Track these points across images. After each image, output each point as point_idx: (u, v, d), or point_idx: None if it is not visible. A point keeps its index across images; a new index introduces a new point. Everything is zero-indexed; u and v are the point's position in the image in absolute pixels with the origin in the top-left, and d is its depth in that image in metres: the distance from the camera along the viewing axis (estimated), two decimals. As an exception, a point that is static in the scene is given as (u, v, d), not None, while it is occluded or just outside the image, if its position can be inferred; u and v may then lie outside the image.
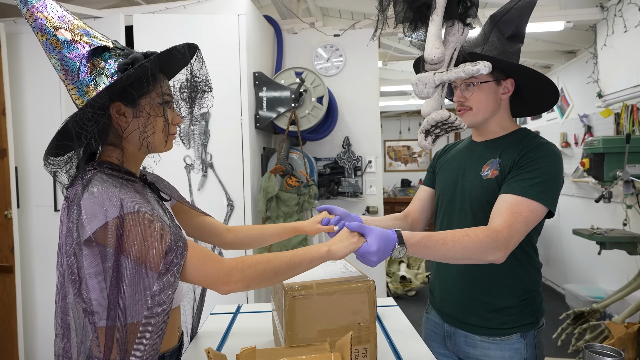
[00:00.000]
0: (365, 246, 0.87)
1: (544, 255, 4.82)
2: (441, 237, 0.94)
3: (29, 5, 0.81)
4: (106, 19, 2.28)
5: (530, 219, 0.98)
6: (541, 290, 1.18)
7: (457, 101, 1.12)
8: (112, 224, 0.73)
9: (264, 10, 3.21)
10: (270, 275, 0.82)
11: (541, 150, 1.04)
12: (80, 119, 0.77)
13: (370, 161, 2.83)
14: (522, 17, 1.07)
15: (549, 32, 3.26)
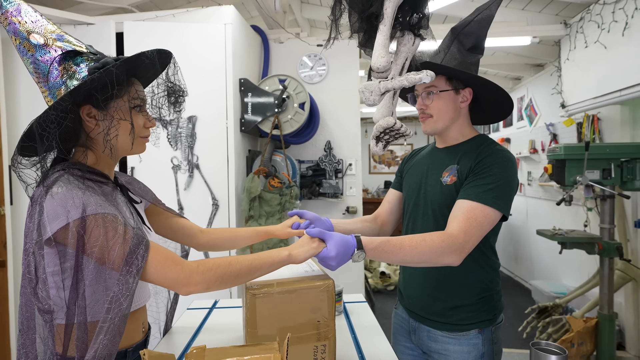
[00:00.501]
0: (325, 251, 0.87)
1: (513, 253, 4.85)
2: (399, 242, 0.93)
3: (3, 10, 0.78)
4: (98, 25, 2.23)
5: (485, 224, 0.97)
6: (499, 288, 1.17)
7: (418, 109, 1.11)
8: (74, 225, 0.70)
9: (253, 21, 3.18)
10: (231, 278, 0.79)
11: (495, 157, 1.03)
12: (43, 121, 0.73)
13: (351, 164, 2.81)
14: (481, 29, 1.05)
15: (518, 46, 3.28)
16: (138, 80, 0.88)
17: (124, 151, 0.86)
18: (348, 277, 2.68)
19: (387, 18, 0.65)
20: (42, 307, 0.71)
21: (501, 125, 5.16)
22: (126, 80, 0.82)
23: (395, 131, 0.79)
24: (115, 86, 0.75)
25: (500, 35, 2.89)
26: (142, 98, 0.86)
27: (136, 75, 0.88)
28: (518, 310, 3.57)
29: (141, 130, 0.87)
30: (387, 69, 0.68)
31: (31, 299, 0.73)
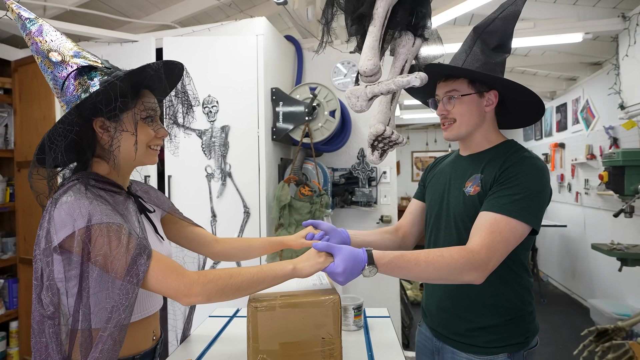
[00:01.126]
0: (332, 266, 0.83)
1: (569, 268, 4.46)
2: (414, 257, 0.87)
3: (27, 31, 0.83)
4: (141, 42, 2.37)
5: (510, 239, 0.88)
6: (532, 309, 1.06)
7: (439, 114, 1.03)
8: (79, 233, 0.72)
9: (289, 31, 3.22)
10: (232, 290, 0.78)
11: (522, 165, 0.93)
12: (52, 134, 0.76)
13: (385, 172, 2.73)
14: (506, 27, 0.97)
15: (570, 44, 3.03)
16: (151, 92, 0.90)
17: (131, 161, 0.88)
18: (381, 287, 2.60)
19: (377, 19, 0.60)
20: (45, 313, 0.73)
21: (554, 129, 4.80)
22: (136, 92, 0.84)
23: (387, 139, 0.74)
24: (119, 98, 0.76)
25: (548, 33, 2.68)
26: (152, 109, 0.87)
27: (150, 88, 0.89)
28: (574, 331, 3.25)
29: (152, 140, 0.88)
30: (375, 73, 0.64)
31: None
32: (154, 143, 0.89)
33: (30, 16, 0.83)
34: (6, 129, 2.65)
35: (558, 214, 4.78)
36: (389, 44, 0.71)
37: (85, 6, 2.49)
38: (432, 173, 1.21)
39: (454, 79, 1.00)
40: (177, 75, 0.95)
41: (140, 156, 0.87)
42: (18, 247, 2.62)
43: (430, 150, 7.56)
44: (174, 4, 2.84)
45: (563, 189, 4.56)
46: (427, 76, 0.63)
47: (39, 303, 0.74)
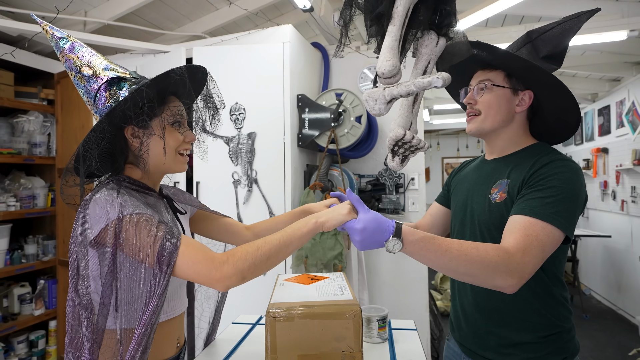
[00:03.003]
0: (353, 222, 0.79)
1: (614, 281, 4.16)
2: (446, 243, 0.78)
3: (60, 49, 0.87)
4: (172, 52, 2.44)
5: (547, 244, 0.80)
6: (571, 326, 0.97)
7: (467, 102, 0.96)
8: (112, 225, 0.74)
9: (317, 38, 3.23)
10: (263, 260, 0.77)
11: (554, 167, 0.85)
12: (86, 142, 0.79)
13: (413, 178, 2.67)
14: (563, 38, 0.91)
15: (613, 42, 2.86)
16: (179, 98, 0.92)
17: (161, 167, 0.90)
18: (408, 297, 2.52)
19: (396, 18, 0.57)
20: (81, 302, 0.75)
21: (596, 133, 4.53)
22: (163, 99, 0.86)
23: (408, 144, 0.70)
24: (146, 104, 0.78)
25: (589, 31, 2.54)
26: (179, 114, 0.89)
27: (177, 94, 0.91)
28: (620, 350, 3.02)
29: (181, 145, 0.90)
30: (395, 74, 0.60)
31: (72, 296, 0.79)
32: (183, 148, 0.91)
33: (62, 35, 0.88)
34: (49, 137, 2.80)
35: (601, 223, 4.49)
36: (411, 44, 0.68)
37: (122, 20, 2.61)
38: (457, 178, 1.15)
39: (492, 69, 0.94)
40: (202, 79, 0.96)
41: (169, 161, 0.89)
42: (57, 249, 2.75)
43: (461, 157, 7.35)
44: (205, 15, 2.93)
45: (607, 196, 4.28)
46: (451, 77, 0.59)
47: (75, 293, 0.77)
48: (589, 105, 4.71)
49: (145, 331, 0.71)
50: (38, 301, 2.63)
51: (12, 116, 2.67)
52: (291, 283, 1.00)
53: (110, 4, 2.52)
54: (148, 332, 0.72)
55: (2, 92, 2.51)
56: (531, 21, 2.93)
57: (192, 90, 0.95)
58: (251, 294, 2.23)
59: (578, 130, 5.08)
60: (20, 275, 2.66)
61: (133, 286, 0.76)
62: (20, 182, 2.65)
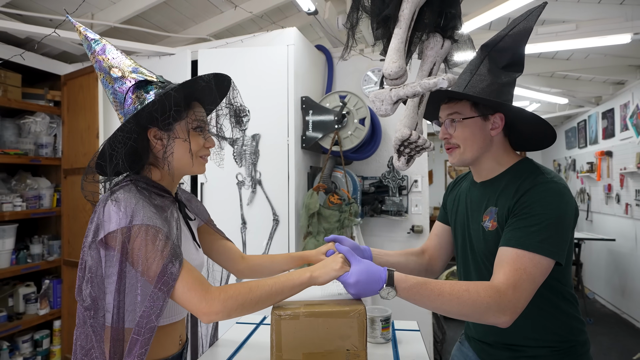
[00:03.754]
0: (345, 275, 0.82)
1: (619, 285, 4.14)
2: (438, 287, 0.81)
3: (92, 50, 0.89)
4: (177, 55, 2.47)
5: (537, 275, 0.81)
6: (586, 339, 0.97)
7: (442, 138, 0.97)
8: (121, 232, 0.76)
9: (321, 41, 3.25)
10: (252, 304, 0.78)
11: (536, 193, 0.85)
12: (112, 141, 0.81)
13: (416, 180, 2.67)
14: (518, 43, 0.90)
15: (617, 46, 2.85)
16: (201, 104, 0.93)
17: (182, 169, 0.91)
18: (413, 300, 2.52)
19: (402, 20, 0.58)
20: (83, 303, 0.76)
21: (600, 136, 4.52)
22: (187, 104, 0.88)
23: (414, 144, 0.71)
24: (173, 108, 0.79)
25: (593, 34, 2.54)
26: (202, 120, 0.91)
27: (199, 100, 0.93)
28: (624, 354, 3.00)
29: (201, 149, 0.91)
30: (401, 76, 0.61)
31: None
32: (203, 153, 0.92)
33: (95, 37, 0.90)
34: (55, 138, 2.83)
35: (605, 226, 4.47)
36: (417, 46, 0.69)
37: (128, 22, 2.63)
38: (452, 197, 1.15)
39: (456, 100, 0.94)
40: (225, 88, 0.98)
41: (191, 164, 0.90)
42: (63, 249, 2.77)
43: (464, 159, 7.35)
44: (210, 17, 2.95)
45: (611, 200, 4.27)
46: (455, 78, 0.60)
47: (79, 295, 0.78)
48: (593, 108, 4.70)
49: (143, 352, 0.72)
50: (43, 301, 2.64)
51: (19, 117, 2.70)
52: (296, 283, 1.00)
53: (117, 6, 2.55)
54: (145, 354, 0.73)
55: (10, 93, 2.54)
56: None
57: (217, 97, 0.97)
58: (254, 294, 2.23)
59: (582, 133, 5.07)
60: (25, 275, 2.68)
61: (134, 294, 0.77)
62: (27, 182, 2.68)
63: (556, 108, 5.19)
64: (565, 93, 4.36)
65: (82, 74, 2.65)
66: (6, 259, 2.46)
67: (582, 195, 5.08)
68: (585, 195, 5.00)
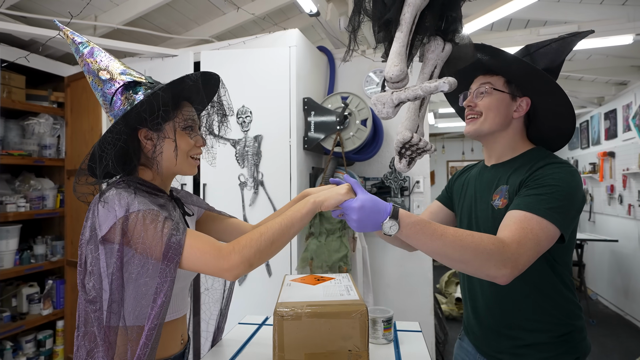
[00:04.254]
0: (350, 201, 0.80)
1: (621, 286, 4.13)
2: (442, 228, 0.79)
3: (80, 54, 0.90)
4: (180, 56, 2.48)
5: (542, 238, 0.80)
6: (583, 325, 0.98)
7: (467, 105, 1.00)
8: (119, 222, 0.76)
9: (323, 42, 3.26)
10: (268, 245, 0.79)
11: (550, 169, 0.87)
12: (102, 142, 0.81)
13: (418, 181, 2.67)
14: (559, 52, 0.95)
15: (619, 46, 2.85)
16: (191, 104, 0.94)
17: (172, 169, 0.92)
18: (413, 300, 2.52)
19: (404, 24, 0.59)
20: (87, 297, 0.77)
21: (602, 137, 4.51)
22: (177, 104, 0.88)
23: (415, 146, 0.71)
24: (161, 107, 0.80)
25: (595, 35, 2.54)
26: (192, 119, 0.92)
27: (189, 99, 0.94)
28: (627, 356, 2.99)
29: (192, 149, 0.92)
30: (402, 79, 0.62)
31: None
32: (194, 152, 0.93)
33: (82, 40, 0.91)
34: (58, 139, 2.85)
35: (608, 227, 4.46)
36: (418, 49, 0.70)
37: (131, 24, 2.65)
38: (459, 182, 1.16)
39: (492, 74, 0.98)
40: (214, 86, 0.99)
41: (180, 164, 0.91)
42: (66, 250, 2.79)
43: (466, 160, 7.35)
44: (212, 19, 2.97)
45: (613, 200, 4.26)
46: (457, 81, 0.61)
47: (82, 289, 0.78)
48: (595, 108, 4.69)
49: (154, 326, 0.73)
50: (46, 301, 2.66)
51: (23, 118, 2.72)
52: (298, 283, 1.01)
53: (120, 8, 2.56)
54: (157, 327, 0.74)
55: (14, 95, 2.55)
56: (536, 25, 2.93)
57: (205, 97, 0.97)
58: (257, 295, 2.24)
59: (584, 134, 5.06)
60: (29, 275, 2.70)
61: (140, 282, 0.78)
62: (30, 183, 2.69)
63: (558, 109, 5.18)
64: (567, 94, 4.35)
65: (85, 76, 2.67)
66: (10, 259, 2.48)
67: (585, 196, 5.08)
68: (587, 196, 4.99)
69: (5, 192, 2.53)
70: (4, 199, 2.45)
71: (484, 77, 1.00)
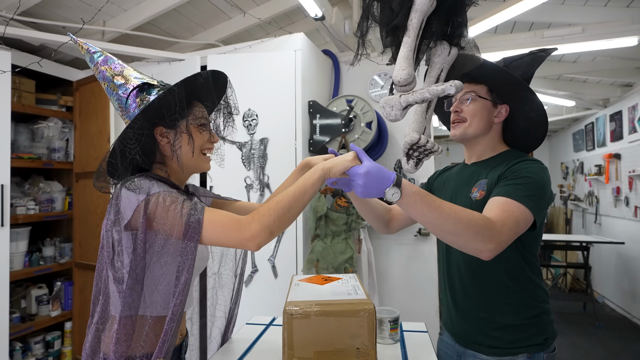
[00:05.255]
0: (357, 167, 0.84)
1: (629, 289, 4.10)
2: (439, 201, 0.87)
3: (94, 62, 0.94)
4: (187, 60, 2.51)
5: (521, 220, 0.89)
6: (549, 307, 1.08)
7: (453, 111, 1.09)
8: (142, 205, 0.80)
9: (327, 46, 3.29)
10: (285, 212, 0.82)
11: (525, 164, 0.99)
12: (123, 138, 0.85)
13: (423, 183, 2.68)
14: (531, 66, 1.07)
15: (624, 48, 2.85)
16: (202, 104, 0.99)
17: (188, 165, 0.95)
18: (418, 302, 2.52)
19: (411, 29, 0.61)
20: (116, 275, 0.81)
21: (608, 139, 4.50)
22: (189, 102, 0.93)
23: (422, 147, 0.73)
24: (177, 103, 0.84)
25: (599, 37, 2.55)
26: (204, 117, 0.97)
27: (200, 99, 0.98)
28: (635, 357, 2.97)
29: (205, 143, 0.97)
30: (410, 82, 0.64)
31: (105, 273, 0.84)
32: (206, 147, 0.98)
33: (97, 50, 0.96)
34: (67, 143, 2.89)
35: (614, 229, 4.43)
36: (424, 53, 0.72)
37: (139, 29, 2.69)
38: (440, 180, 1.26)
39: (476, 83, 1.07)
40: (222, 85, 1.03)
41: (195, 159, 0.95)
42: (74, 252, 2.82)
43: (471, 162, 7.33)
44: (218, 23, 3.00)
45: (619, 202, 4.24)
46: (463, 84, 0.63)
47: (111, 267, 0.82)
48: (600, 110, 4.68)
49: (179, 302, 0.77)
50: (55, 302, 2.69)
51: (32, 122, 2.76)
52: (306, 283, 1.03)
53: (128, 14, 2.61)
54: (182, 304, 0.77)
55: (24, 99, 2.60)
56: (540, 27, 2.94)
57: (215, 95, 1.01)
58: (264, 296, 2.26)
59: (589, 136, 5.04)
60: (38, 277, 2.73)
61: (162, 262, 0.82)
62: (40, 186, 2.73)
63: (563, 111, 5.17)
64: (572, 96, 4.35)
65: (93, 80, 2.71)
66: (20, 261, 2.52)
67: (591, 198, 5.05)
68: (593, 198, 4.97)
69: (16, 194, 2.57)
70: (14, 201, 2.49)
71: (467, 85, 1.08)
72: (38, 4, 2.31)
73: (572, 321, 3.99)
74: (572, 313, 4.26)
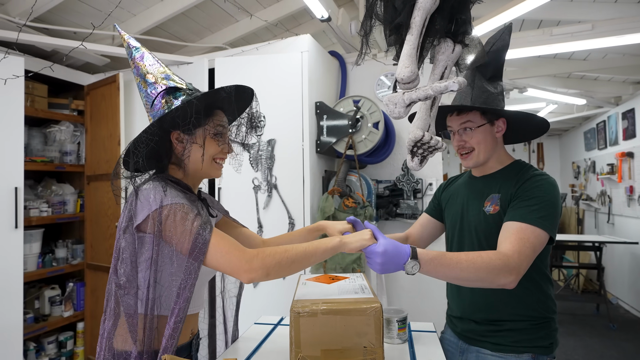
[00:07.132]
0: (373, 246, 0.88)
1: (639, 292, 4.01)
2: (455, 256, 0.90)
3: (132, 57, 0.98)
4: (195, 63, 2.54)
5: (537, 245, 0.93)
6: (556, 317, 1.10)
7: (457, 145, 1.10)
8: (153, 215, 0.82)
9: (334, 47, 3.30)
10: (288, 263, 0.83)
11: (535, 181, 1.02)
12: (137, 140, 0.88)
13: (431, 183, 2.67)
14: (497, 59, 1.06)
15: (636, 44, 2.81)
16: (223, 112, 1.00)
17: (198, 171, 0.97)
18: (427, 303, 2.51)
19: (414, 27, 0.61)
20: (118, 281, 0.83)
21: (620, 137, 4.42)
22: (210, 111, 0.95)
23: (427, 145, 0.74)
24: (194, 115, 0.86)
25: (610, 34, 2.51)
26: (221, 126, 0.98)
27: (223, 108, 1.00)
28: (650, 361, 2.91)
29: (218, 153, 0.97)
30: (413, 80, 0.64)
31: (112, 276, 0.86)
32: (219, 157, 0.99)
33: (137, 45, 0.99)
34: (79, 146, 2.94)
35: (627, 230, 4.35)
36: (429, 51, 0.72)
37: (147, 33, 2.73)
38: (447, 192, 1.27)
39: (467, 111, 1.09)
40: (248, 98, 1.05)
41: (206, 167, 0.97)
42: (86, 253, 2.86)
43: (480, 162, 7.27)
44: (225, 27, 3.03)
45: (633, 202, 4.16)
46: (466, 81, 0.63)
47: (114, 273, 0.84)
48: (612, 108, 4.60)
49: (179, 320, 0.78)
50: (67, 303, 2.73)
51: (45, 126, 2.82)
52: (313, 282, 1.03)
53: (137, 18, 2.65)
54: (181, 321, 0.79)
55: (37, 103, 2.65)
56: (549, 25, 2.91)
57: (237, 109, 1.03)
58: (271, 297, 2.27)
59: (601, 134, 4.97)
60: (51, 278, 2.78)
61: (167, 273, 0.84)
62: (52, 188, 2.79)
63: (574, 109, 5.10)
64: (583, 94, 4.29)
65: (104, 84, 2.76)
66: (33, 262, 2.56)
67: (603, 198, 4.97)
68: (606, 198, 4.89)
69: (29, 197, 2.62)
70: (28, 204, 2.54)
71: (460, 117, 1.10)
72: (50, 10, 2.36)
73: (585, 323, 3.93)
74: (585, 314, 4.19)
